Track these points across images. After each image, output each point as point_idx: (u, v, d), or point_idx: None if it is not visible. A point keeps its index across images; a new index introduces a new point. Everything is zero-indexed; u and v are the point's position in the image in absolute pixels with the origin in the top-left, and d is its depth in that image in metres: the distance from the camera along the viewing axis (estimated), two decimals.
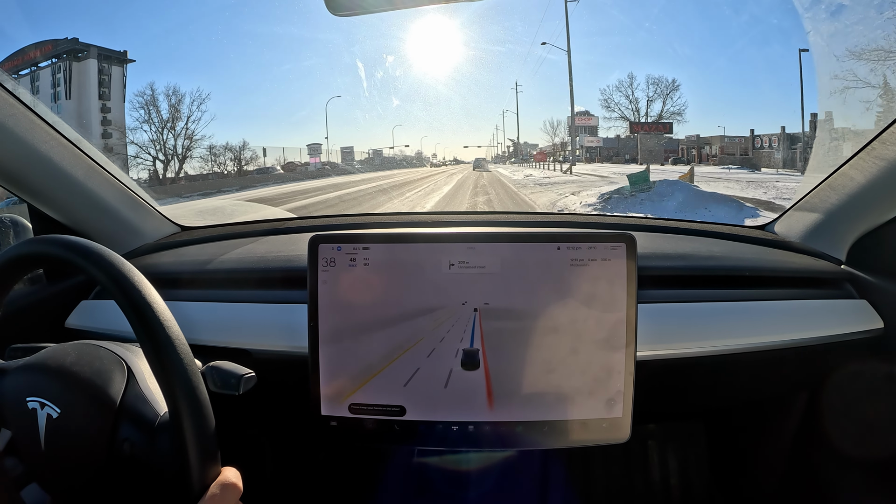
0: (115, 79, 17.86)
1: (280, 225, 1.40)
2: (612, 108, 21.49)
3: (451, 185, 16.95)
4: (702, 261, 1.03)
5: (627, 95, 20.91)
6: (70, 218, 1.08)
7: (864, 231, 0.99)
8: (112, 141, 17.29)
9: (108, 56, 17.72)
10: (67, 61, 17.06)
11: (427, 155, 31.02)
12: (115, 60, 17.87)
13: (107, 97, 17.61)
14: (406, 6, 0.83)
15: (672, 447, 1.44)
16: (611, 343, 0.74)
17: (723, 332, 0.92)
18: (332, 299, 0.76)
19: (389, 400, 0.76)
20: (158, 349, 0.54)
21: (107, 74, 17.61)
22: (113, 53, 17.82)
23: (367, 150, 28.15)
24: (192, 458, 0.53)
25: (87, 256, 0.57)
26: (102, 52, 17.57)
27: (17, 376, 0.63)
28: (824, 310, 0.97)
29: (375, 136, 52.14)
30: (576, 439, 0.76)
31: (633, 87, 20.84)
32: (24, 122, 0.91)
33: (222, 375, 0.68)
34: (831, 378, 1.03)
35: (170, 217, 1.34)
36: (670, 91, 20.49)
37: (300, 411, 0.79)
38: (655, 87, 20.60)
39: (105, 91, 17.63)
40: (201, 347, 0.89)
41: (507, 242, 0.75)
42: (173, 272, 1.09)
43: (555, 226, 1.31)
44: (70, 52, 17.16)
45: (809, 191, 1.06)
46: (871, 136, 0.87)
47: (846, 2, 1.18)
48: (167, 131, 18.24)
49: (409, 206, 12.63)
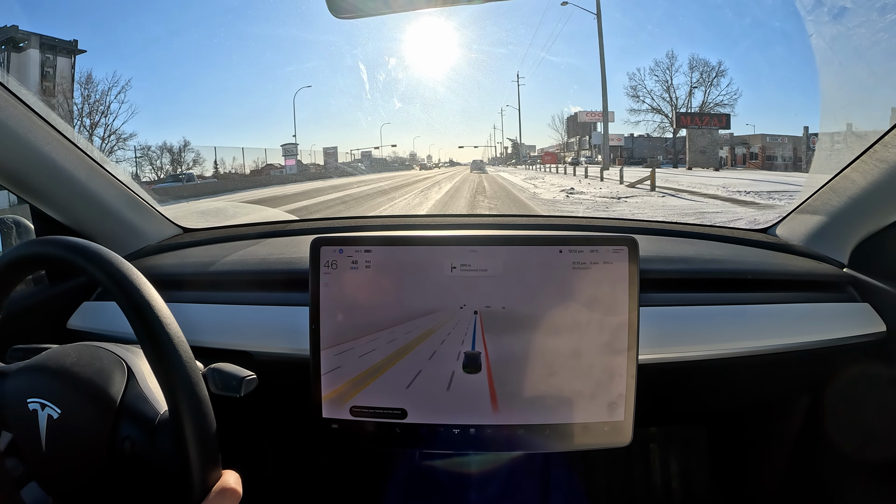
0: (62, 71, 16.06)
1: (282, 227, 1.40)
2: (640, 98, 17.28)
3: (428, 204, 11.82)
4: (704, 264, 1.03)
5: (665, 81, 16.74)
6: (72, 219, 1.09)
7: (866, 234, 0.99)
8: None
9: (54, 46, 15.84)
10: (5, 52, 15.19)
11: (422, 157, 30.01)
12: (63, 51, 16.07)
13: (51, 91, 15.65)
14: (406, 9, 0.83)
15: (674, 451, 1.44)
16: (612, 346, 0.74)
17: (725, 336, 0.92)
18: (333, 302, 0.76)
19: (391, 403, 0.76)
20: (159, 349, 0.54)
21: (52, 66, 15.77)
22: (60, 43, 15.95)
23: (349, 149, 26.83)
24: (192, 460, 0.53)
25: (88, 257, 0.57)
26: (47, 42, 15.65)
27: (18, 378, 0.63)
28: (827, 313, 0.96)
29: (374, 137, 52.09)
30: (577, 443, 0.75)
31: (673, 69, 16.64)
32: (27, 123, 0.91)
33: (223, 377, 0.68)
34: (834, 382, 1.03)
35: (171, 219, 1.35)
36: (716, 76, 16.45)
37: (301, 414, 0.79)
38: (702, 71, 16.34)
39: (49, 85, 15.69)
40: (203, 349, 0.89)
41: (509, 245, 0.75)
42: (175, 274, 1.10)
43: (557, 229, 1.31)
44: (8, 41, 15.26)
45: (812, 194, 1.06)
46: (874, 139, 0.87)
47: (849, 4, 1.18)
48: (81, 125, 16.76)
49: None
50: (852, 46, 1.14)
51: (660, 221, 1.37)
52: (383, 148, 28.40)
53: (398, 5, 0.80)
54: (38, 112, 0.93)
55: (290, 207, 11.32)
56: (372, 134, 52.87)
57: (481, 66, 32.10)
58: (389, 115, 35.60)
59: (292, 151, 22.74)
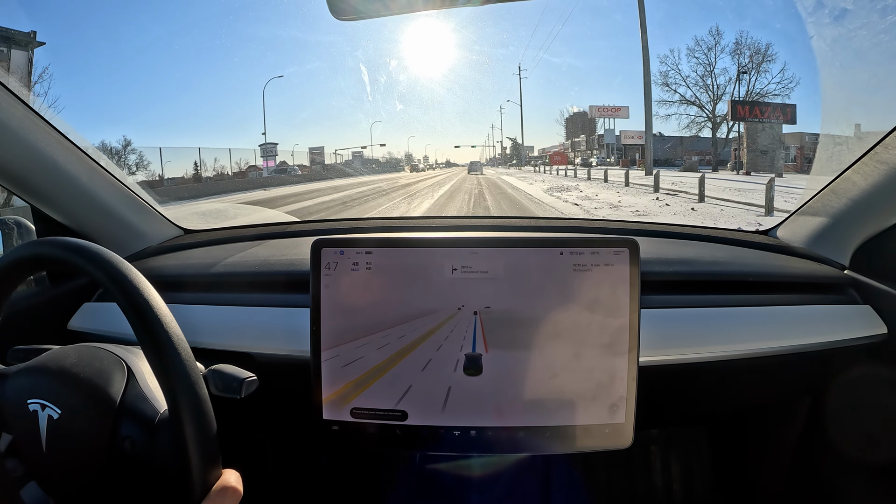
0: (16, 64, 14.18)
1: (283, 228, 1.41)
2: (671, 87, 13.99)
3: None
4: (705, 266, 1.03)
5: (707, 65, 13.18)
6: (73, 220, 1.09)
7: (867, 236, 0.98)
8: None
9: (7, 38, 14.14)
10: None
11: (418, 158, 28.88)
12: (17, 43, 14.35)
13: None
14: (406, 11, 0.83)
15: (675, 453, 1.44)
16: (613, 348, 0.74)
17: (726, 338, 0.92)
18: (334, 303, 0.76)
19: (391, 404, 0.76)
20: (158, 349, 0.54)
21: (5, 60, 13.94)
22: (13, 34, 14.22)
23: (335, 149, 25.33)
24: (193, 460, 0.53)
25: (88, 258, 0.57)
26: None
27: (18, 379, 0.63)
28: (828, 315, 0.96)
29: (371, 137, 52.03)
30: (578, 445, 0.75)
31: (717, 50, 13.14)
32: (28, 124, 0.91)
33: (224, 379, 0.68)
34: (835, 383, 1.03)
35: (173, 220, 1.35)
36: (763, 61, 13.50)
37: (302, 415, 0.79)
38: (752, 52, 12.98)
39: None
40: (204, 351, 0.89)
41: (510, 247, 0.75)
42: (176, 275, 1.10)
43: (558, 231, 1.31)
44: None
45: (813, 195, 1.06)
46: (874, 140, 0.87)
47: (849, 6, 1.18)
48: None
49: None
50: (853, 48, 1.14)
51: (660, 223, 1.37)
52: (373, 148, 27.29)
53: (398, 7, 0.80)
54: (40, 113, 0.93)
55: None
56: (367, 134, 52.78)
57: (481, 68, 32.15)
58: (389, 116, 35.57)
59: (271, 152, 21.10)
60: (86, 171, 1.05)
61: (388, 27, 42.19)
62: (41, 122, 0.93)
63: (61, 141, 0.98)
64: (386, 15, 0.82)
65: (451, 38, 29.96)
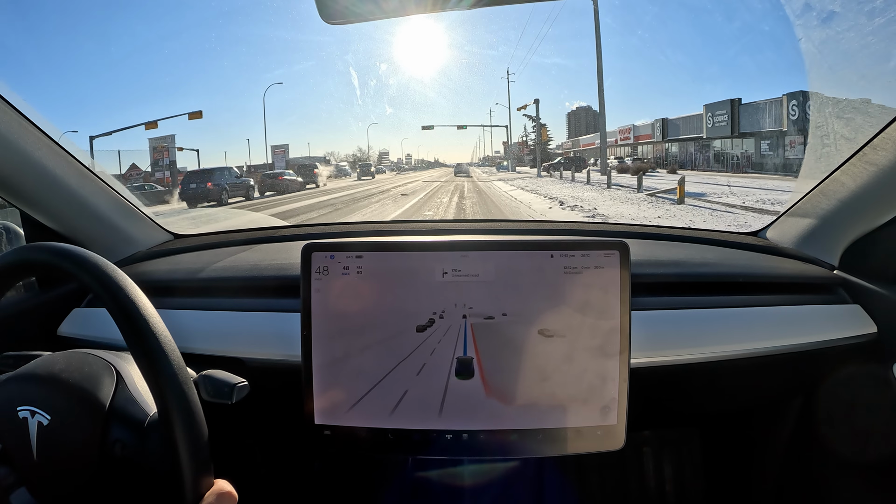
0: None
1: (273, 233, 1.40)
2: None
3: None
4: (695, 267, 1.03)
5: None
6: (63, 225, 1.08)
7: (856, 236, 0.99)
8: None
9: None
10: None
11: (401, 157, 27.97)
12: None
13: None
14: (398, 14, 0.83)
15: (667, 454, 1.44)
16: (605, 350, 0.74)
17: (716, 339, 0.92)
18: (325, 308, 0.75)
19: (387, 409, 0.75)
20: (148, 353, 0.54)
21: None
22: None
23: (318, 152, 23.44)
24: (184, 467, 0.53)
25: (77, 262, 0.57)
26: None
27: (7, 386, 0.63)
28: (818, 315, 0.97)
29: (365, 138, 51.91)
30: (570, 447, 0.75)
31: None
32: (17, 129, 0.91)
33: (215, 384, 0.68)
34: (825, 383, 1.04)
35: (163, 225, 1.34)
36: None
37: (294, 420, 0.79)
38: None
39: None
40: (194, 356, 0.88)
41: (500, 250, 0.75)
42: (166, 280, 1.09)
43: (548, 233, 1.32)
44: None
45: (801, 197, 1.07)
46: (863, 142, 0.88)
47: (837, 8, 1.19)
48: None
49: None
50: (840, 50, 1.16)
51: (650, 225, 1.38)
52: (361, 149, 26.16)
53: (389, 10, 0.81)
54: (29, 118, 0.92)
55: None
56: (364, 134, 52.71)
57: (468, 67, 32.16)
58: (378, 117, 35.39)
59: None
60: (75, 176, 1.04)
61: (381, 29, 42.18)
62: (31, 127, 0.93)
63: (50, 145, 0.97)
64: (376, 18, 0.82)
65: (445, 39, 30.00)
